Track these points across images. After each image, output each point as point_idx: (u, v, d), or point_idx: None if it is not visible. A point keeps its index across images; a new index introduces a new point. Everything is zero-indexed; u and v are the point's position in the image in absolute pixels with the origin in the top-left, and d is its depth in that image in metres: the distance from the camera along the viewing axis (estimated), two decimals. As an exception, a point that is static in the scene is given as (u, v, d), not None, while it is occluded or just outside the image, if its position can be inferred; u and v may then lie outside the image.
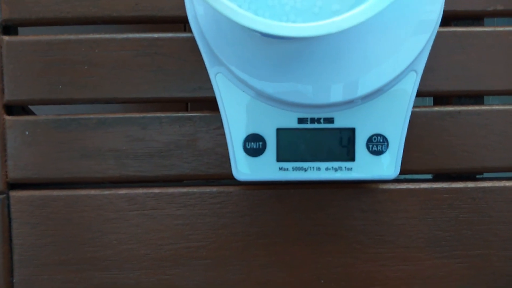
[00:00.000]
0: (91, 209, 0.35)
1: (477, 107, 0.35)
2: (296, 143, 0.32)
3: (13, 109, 0.35)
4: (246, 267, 0.35)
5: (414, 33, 0.31)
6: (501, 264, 0.35)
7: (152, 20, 0.34)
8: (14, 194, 0.35)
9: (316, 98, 0.31)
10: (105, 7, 0.34)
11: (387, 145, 0.32)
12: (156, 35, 0.34)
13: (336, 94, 0.31)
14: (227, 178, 0.35)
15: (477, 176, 0.37)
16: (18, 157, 0.34)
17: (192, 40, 0.33)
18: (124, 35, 0.34)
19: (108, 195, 0.35)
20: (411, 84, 0.32)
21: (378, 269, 0.35)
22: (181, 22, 0.34)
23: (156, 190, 0.35)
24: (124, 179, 0.35)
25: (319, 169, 0.32)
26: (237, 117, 0.32)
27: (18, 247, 0.35)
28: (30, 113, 0.38)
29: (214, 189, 0.35)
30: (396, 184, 0.35)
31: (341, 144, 0.32)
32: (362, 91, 0.31)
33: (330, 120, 0.32)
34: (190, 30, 0.32)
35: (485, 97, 0.36)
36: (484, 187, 0.35)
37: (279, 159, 0.32)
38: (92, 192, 0.35)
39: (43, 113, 0.35)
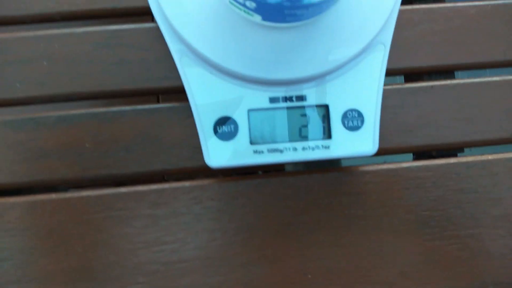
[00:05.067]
0: (52, 215, 0.32)
1: (448, 81, 0.34)
2: (269, 124, 0.31)
3: (-35, 113, 0.33)
4: (226, 268, 0.32)
5: (378, 4, 0.31)
6: (494, 244, 0.34)
7: (113, 12, 0.33)
8: (-35, 205, 0.32)
9: (286, 73, 0.30)
10: (63, 2, 0.33)
11: (363, 120, 0.31)
12: (116, 26, 0.33)
13: (306, 68, 0.30)
14: (201, 171, 0.33)
15: (459, 154, 0.36)
16: (-30, 163, 0.32)
17: (155, 29, 0.33)
18: (83, 29, 0.33)
19: (70, 198, 0.32)
20: (380, 57, 0.31)
21: (368, 258, 0.33)
22: (143, 14, 0.34)
23: (124, 189, 0.32)
24: (88, 180, 0.32)
25: (295, 149, 0.31)
26: (206, 100, 0.31)
27: (-31, 264, 0.31)
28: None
29: (187, 184, 0.33)
30: (377, 165, 0.34)
31: (316, 122, 0.31)
32: (331, 63, 0.30)
33: (302, 98, 0.31)
34: (152, 21, 0.32)
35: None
36: (467, 162, 0.34)
37: (252, 141, 0.31)
38: (53, 196, 0.32)
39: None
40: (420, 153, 0.36)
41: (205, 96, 0.31)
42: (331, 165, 0.40)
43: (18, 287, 0.31)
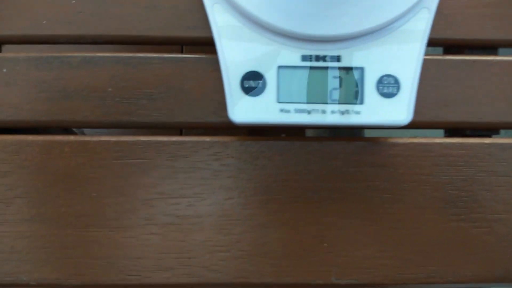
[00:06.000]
0: (69, 157, 0.31)
1: (492, 57, 0.32)
2: (299, 83, 0.29)
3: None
4: (241, 227, 0.31)
5: (427, -35, 0.29)
6: (524, 231, 0.32)
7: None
8: (-16, 139, 0.31)
9: (322, 29, 0.28)
10: None
11: (399, 88, 0.29)
12: (150, -30, 0.32)
13: (343, 25, 0.28)
14: (224, 128, 0.32)
15: (493, 136, 0.34)
16: (-9, 97, 0.31)
17: (189, -24, 0.31)
18: (116, -30, 0.32)
19: (89, 141, 0.31)
20: (424, 22, 0.30)
21: (387, 233, 0.31)
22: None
23: (144, 138, 0.31)
24: (108, 124, 0.31)
25: (324, 112, 0.29)
26: (235, 52, 0.29)
27: (-16, 198, 0.31)
28: None
29: (208, 139, 0.32)
30: (407, 138, 0.32)
31: (349, 85, 0.29)
32: (371, 23, 0.28)
33: (336, 58, 0.29)
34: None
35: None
36: (502, 144, 0.32)
37: (280, 100, 0.29)
38: (72, 138, 0.31)
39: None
40: (453, 131, 0.35)
41: (235, 48, 0.29)
42: (355, 136, 0.38)
43: (30, 225, 0.31)
